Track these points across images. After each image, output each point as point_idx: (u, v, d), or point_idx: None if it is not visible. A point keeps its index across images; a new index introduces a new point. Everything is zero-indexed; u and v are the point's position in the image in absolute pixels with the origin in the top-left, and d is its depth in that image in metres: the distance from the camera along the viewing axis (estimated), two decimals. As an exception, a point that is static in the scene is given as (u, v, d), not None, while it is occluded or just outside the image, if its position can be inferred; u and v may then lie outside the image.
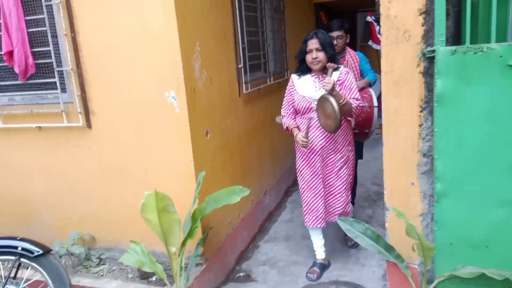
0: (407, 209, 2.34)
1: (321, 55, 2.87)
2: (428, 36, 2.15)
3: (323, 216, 3.10)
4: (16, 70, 3.01)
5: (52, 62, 2.98)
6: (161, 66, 2.73)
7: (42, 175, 3.29)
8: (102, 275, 3.05)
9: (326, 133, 2.92)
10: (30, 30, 2.99)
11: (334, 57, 2.92)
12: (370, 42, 8.14)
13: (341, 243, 3.63)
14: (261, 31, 4.28)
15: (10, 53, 2.97)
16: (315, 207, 3.07)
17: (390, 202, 2.42)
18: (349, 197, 3.20)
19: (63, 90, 3.04)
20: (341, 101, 2.73)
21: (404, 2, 2.16)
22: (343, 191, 3.10)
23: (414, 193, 2.35)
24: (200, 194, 2.72)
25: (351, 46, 3.73)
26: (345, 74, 2.94)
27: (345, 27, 3.55)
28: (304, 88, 2.99)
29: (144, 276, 2.94)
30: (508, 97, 1.99)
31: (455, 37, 2.36)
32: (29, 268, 2.56)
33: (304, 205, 3.13)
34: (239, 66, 3.61)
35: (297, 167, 3.16)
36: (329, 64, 2.81)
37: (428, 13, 2.12)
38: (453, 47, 2.05)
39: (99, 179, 3.12)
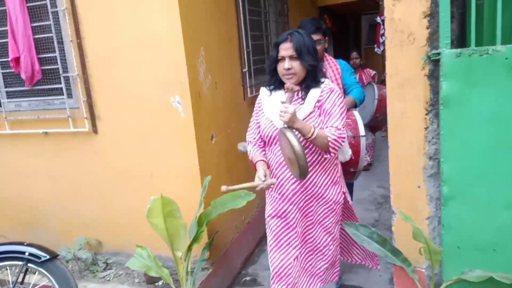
0: (414, 213, 2.33)
1: (296, 66, 2.05)
2: (433, 39, 2.14)
3: (300, 284, 2.36)
4: (23, 76, 3.04)
5: (58, 68, 3.01)
6: (166, 71, 2.75)
7: (49, 180, 3.31)
8: (109, 280, 3.05)
9: None
10: (36, 36, 3.02)
11: (315, 68, 2.11)
12: (375, 48, 8.03)
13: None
14: (266, 35, 4.28)
15: (17, 59, 3.00)
16: (286, 273, 2.23)
17: (397, 206, 2.41)
18: (338, 254, 2.51)
19: (69, 95, 3.06)
20: (308, 135, 1.97)
21: (408, 4, 2.15)
22: (331, 245, 2.39)
23: (421, 196, 2.33)
24: (205, 198, 2.72)
25: (356, 49, 3.70)
26: (328, 92, 2.11)
27: (322, 28, 2.73)
28: (273, 110, 2.19)
29: (151, 280, 2.95)
30: (514, 99, 1.98)
31: (460, 39, 2.35)
32: (36, 273, 2.57)
33: (271, 269, 2.27)
34: (244, 70, 3.62)
35: (265, 215, 2.36)
36: (288, 86, 1.97)
37: (432, 15, 2.12)
38: (458, 50, 2.04)
39: (105, 184, 3.13)
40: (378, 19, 7.95)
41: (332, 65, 2.85)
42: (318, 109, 2.10)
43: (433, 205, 2.32)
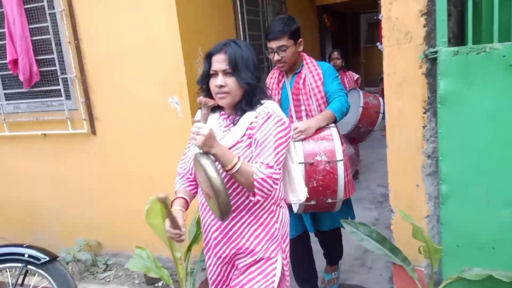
0: (413, 211, 2.33)
1: (231, 83, 1.60)
2: (430, 37, 2.14)
3: None
4: (21, 78, 3.04)
5: (56, 70, 3.01)
6: (164, 72, 2.75)
7: (48, 181, 3.31)
8: (109, 281, 3.06)
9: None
10: (34, 38, 3.02)
11: (254, 88, 1.63)
12: (378, 45, 8.01)
13: (348, 246, 3.61)
14: (264, 35, 4.28)
15: (15, 62, 3.01)
16: None
17: (395, 205, 2.41)
18: None
19: (68, 97, 3.06)
20: (228, 166, 1.50)
21: (405, 3, 2.15)
22: None
23: (419, 195, 2.33)
24: (204, 198, 2.72)
25: (354, 48, 3.68)
26: (264, 118, 1.62)
27: (290, 30, 2.33)
28: None
29: (150, 281, 2.95)
30: (511, 97, 1.98)
31: (459, 37, 2.34)
32: (36, 275, 2.57)
33: None
34: (242, 70, 3.61)
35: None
36: (200, 99, 1.56)
37: (429, 14, 2.12)
38: (456, 48, 2.04)
39: (104, 185, 3.13)
40: (381, 16, 7.94)
41: (312, 70, 2.45)
42: (249, 138, 1.63)
43: (432, 203, 2.32)
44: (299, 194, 1.86)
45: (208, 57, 1.66)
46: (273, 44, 2.33)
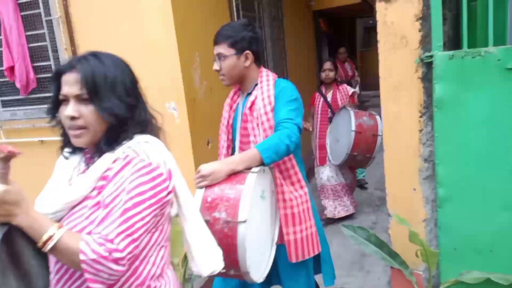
0: (410, 215, 2.33)
1: (87, 114, 1.14)
2: (425, 42, 2.15)
3: None
4: (18, 85, 3.04)
5: (53, 76, 3.01)
6: (161, 77, 2.75)
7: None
8: (107, 288, 3.04)
9: None
10: (30, 45, 3.03)
11: (124, 121, 1.18)
12: None
13: (346, 250, 3.61)
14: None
15: (12, 68, 3.01)
16: None
17: (393, 209, 2.41)
18: None
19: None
20: (40, 242, 1.01)
21: (401, 8, 2.17)
22: None
23: (417, 198, 2.34)
24: (202, 204, 2.72)
25: (350, 54, 3.66)
26: (120, 165, 1.15)
27: (234, 37, 1.88)
28: (53, 184, 1.32)
29: (148, 287, 2.93)
30: (507, 100, 1.99)
31: (454, 41, 2.36)
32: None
33: None
34: (239, 75, 3.62)
35: None
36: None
37: (424, 18, 2.13)
38: (451, 52, 2.05)
39: (102, 192, 3.12)
40: None
41: (264, 91, 1.90)
42: (99, 193, 1.13)
43: (429, 207, 2.32)
44: (199, 265, 1.32)
45: (56, 77, 1.16)
46: (214, 50, 1.96)
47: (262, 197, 1.78)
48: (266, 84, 1.92)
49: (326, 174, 4.17)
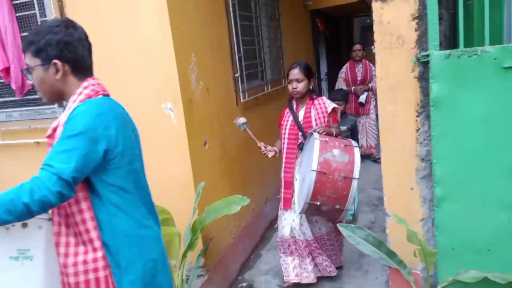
0: (408, 215, 2.33)
1: None
2: (422, 41, 2.15)
3: None
4: (13, 86, 3.02)
5: (48, 78, 2.99)
6: (157, 79, 2.74)
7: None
8: (104, 289, 3.02)
9: None
10: (26, 46, 3.00)
11: None
12: (373, 48, 7.88)
13: (344, 250, 3.61)
14: (257, 40, 4.29)
15: (7, 70, 2.99)
16: None
17: (390, 208, 2.41)
18: None
19: (60, 104, 3.04)
20: None
21: (397, 7, 2.16)
22: None
23: (414, 198, 2.33)
24: (200, 204, 2.71)
25: (347, 53, 3.61)
26: None
27: (39, 43, 1.49)
28: None
29: (146, 289, 2.92)
30: (504, 99, 1.99)
31: (450, 40, 2.36)
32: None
33: None
34: (236, 75, 3.62)
35: None
36: None
37: (421, 18, 2.12)
38: (447, 51, 2.05)
39: (99, 193, 3.11)
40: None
41: (62, 118, 1.48)
42: None
43: (427, 206, 2.32)
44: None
45: None
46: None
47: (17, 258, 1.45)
48: (68, 108, 1.50)
49: (288, 222, 3.03)
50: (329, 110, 2.95)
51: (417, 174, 2.30)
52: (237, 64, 3.63)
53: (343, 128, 3.74)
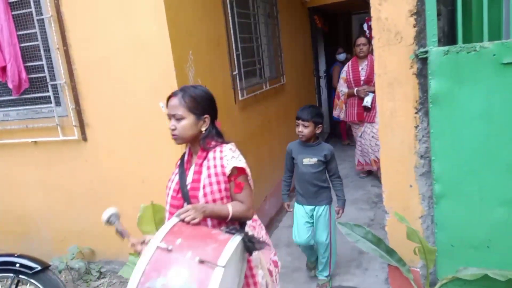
0: (407, 212, 2.32)
1: None
2: (420, 37, 2.13)
3: None
4: (10, 85, 3.00)
5: (45, 76, 2.98)
6: (155, 76, 2.73)
7: (39, 189, 3.27)
8: (102, 289, 3.01)
9: None
10: (22, 44, 2.99)
11: None
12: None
13: (343, 248, 3.60)
14: (255, 37, 4.27)
15: (3, 69, 2.97)
16: None
17: (390, 205, 2.40)
18: None
19: (57, 103, 3.03)
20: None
21: (395, 3, 2.15)
22: None
23: (413, 195, 2.32)
24: (198, 203, 2.70)
25: (346, 49, 3.58)
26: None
27: None
28: None
29: (145, 288, 2.89)
30: (503, 95, 1.98)
31: (449, 36, 2.34)
32: (28, 284, 2.53)
33: None
34: (234, 73, 3.60)
35: None
36: None
37: (419, 14, 2.11)
38: (446, 47, 2.03)
39: (96, 192, 3.10)
40: (364, 26, 7.95)
41: None
42: None
43: (426, 203, 2.31)
44: None
45: None
46: None
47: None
48: None
49: None
50: (228, 171, 1.78)
51: (416, 171, 2.29)
52: (235, 62, 3.61)
53: (313, 160, 2.84)
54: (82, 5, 2.78)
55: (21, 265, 2.45)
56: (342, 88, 5.06)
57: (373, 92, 4.54)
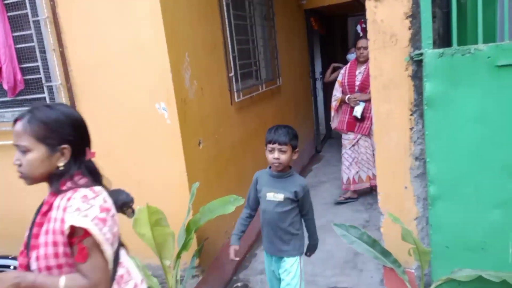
0: (402, 213, 2.33)
1: None
2: (415, 39, 2.14)
3: None
4: (5, 86, 2.99)
5: (41, 78, 2.97)
6: (151, 78, 2.72)
7: (37, 191, 3.23)
8: (98, 291, 3.00)
9: None
10: (18, 46, 2.98)
11: None
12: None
13: (338, 250, 3.61)
14: (252, 39, 4.28)
15: (-2, 70, 2.96)
16: None
17: (385, 207, 2.41)
18: None
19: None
20: None
21: (390, 6, 2.16)
22: None
23: (408, 197, 2.34)
24: (194, 205, 2.70)
25: (343, 51, 3.55)
26: None
27: None
28: None
29: (141, 290, 2.88)
30: (497, 97, 1.99)
31: (444, 39, 2.36)
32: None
33: None
34: (230, 74, 3.60)
35: None
36: None
37: (414, 16, 2.12)
38: (441, 50, 2.05)
39: (92, 194, 3.09)
40: (358, 27, 7.96)
41: None
42: None
43: (421, 205, 2.32)
44: None
45: None
46: None
47: None
48: None
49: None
50: (66, 229, 1.33)
51: (411, 172, 2.30)
52: (231, 64, 3.61)
53: (279, 196, 2.29)
54: (78, 6, 2.78)
55: (16, 268, 2.43)
56: (335, 92, 4.65)
57: (366, 101, 4.23)
